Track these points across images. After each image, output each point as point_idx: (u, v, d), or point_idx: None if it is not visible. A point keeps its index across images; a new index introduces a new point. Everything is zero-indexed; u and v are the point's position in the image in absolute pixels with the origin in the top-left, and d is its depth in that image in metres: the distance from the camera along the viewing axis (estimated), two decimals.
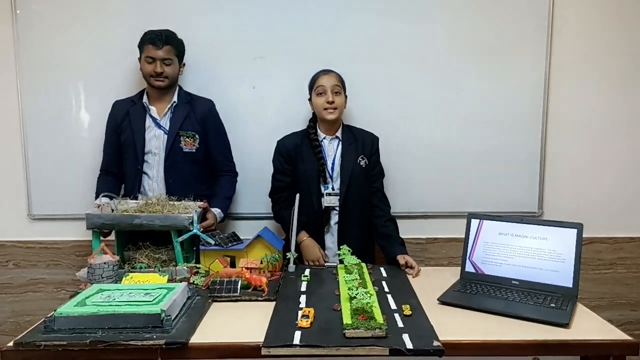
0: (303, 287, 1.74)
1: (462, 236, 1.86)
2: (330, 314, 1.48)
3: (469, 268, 1.82)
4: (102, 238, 1.90)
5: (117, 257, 1.77)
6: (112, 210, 1.94)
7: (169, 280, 1.69)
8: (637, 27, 2.49)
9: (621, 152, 2.57)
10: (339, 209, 2.14)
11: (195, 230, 1.84)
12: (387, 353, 1.28)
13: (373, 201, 2.19)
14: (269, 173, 2.37)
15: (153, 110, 2.21)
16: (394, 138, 2.43)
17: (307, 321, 1.40)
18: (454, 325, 1.44)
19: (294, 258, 1.94)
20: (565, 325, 1.44)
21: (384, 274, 1.91)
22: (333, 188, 2.15)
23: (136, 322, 1.34)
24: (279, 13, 2.42)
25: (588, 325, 1.47)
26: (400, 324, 1.42)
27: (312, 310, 1.47)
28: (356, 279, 1.66)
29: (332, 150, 2.18)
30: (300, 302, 1.59)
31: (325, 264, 2.07)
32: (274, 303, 1.59)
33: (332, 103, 2.08)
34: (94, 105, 2.45)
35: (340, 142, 2.18)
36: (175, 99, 2.22)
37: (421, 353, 1.28)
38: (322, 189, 2.14)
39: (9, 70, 2.43)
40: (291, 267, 1.93)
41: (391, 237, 2.12)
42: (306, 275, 1.85)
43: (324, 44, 2.43)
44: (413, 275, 1.91)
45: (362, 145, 2.18)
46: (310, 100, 2.18)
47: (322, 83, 2.11)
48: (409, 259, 1.98)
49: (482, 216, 1.85)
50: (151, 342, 1.30)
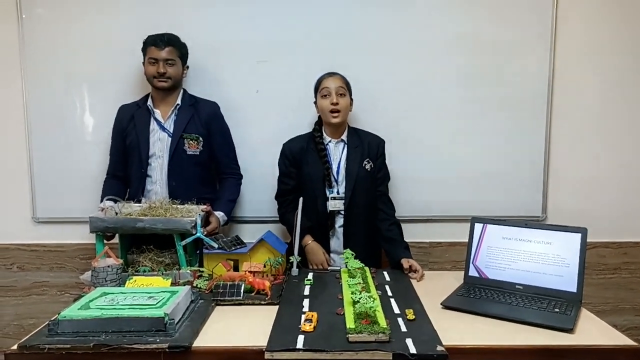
0: (306, 291, 1.74)
1: (466, 240, 1.85)
2: (333, 318, 1.48)
3: (472, 272, 1.82)
4: (105, 241, 1.90)
5: (121, 261, 1.78)
6: (116, 213, 1.94)
7: (173, 284, 1.69)
8: None
9: (625, 157, 2.56)
10: (344, 212, 2.14)
11: (198, 234, 1.85)
12: (391, 358, 1.28)
13: (378, 205, 2.18)
14: (272, 176, 2.38)
15: (157, 113, 2.22)
16: (397, 142, 2.43)
17: (310, 325, 1.40)
18: (458, 330, 1.44)
19: (298, 262, 1.94)
20: (570, 330, 1.43)
21: (387, 278, 1.90)
22: (338, 192, 2.15)
23: (140, 325, 1.34)
24: (282, 17, 2.43)
25: (592, 331, 1.46)
26: (403, 329, 1.42)
27: (315, 314, 1.47)
28: (359, 283, 1.65)
29: (338, 153, 2.18)
30: (303, 306, 1.59)
31: (329, 268, 2.07)
32: (277, 307, 1.59)
33: (337, 105, 2.08)
34: (99, 109, 2.46)
35: (346, 146, 2.18)
36: (179, 101, 2.23)
37: (425, 358, 1.28)
38: (327, 193, 2.14)
39: (14, 74, 2.44)
40: (294, 271, 1.93)
41: (395, 240, 2.12)
42: (309, 279, 1.84)
43: (327, 48, 2.43)
44: (417, 279, 1.91)
45: (368, 149, 2.17)
46: (315, 103, 2.18)
47: (327, 85, 2.11)
48: (413, 262, 1.97)
49: (486, 220, 1.84)
50: (154, 345, 1.30)
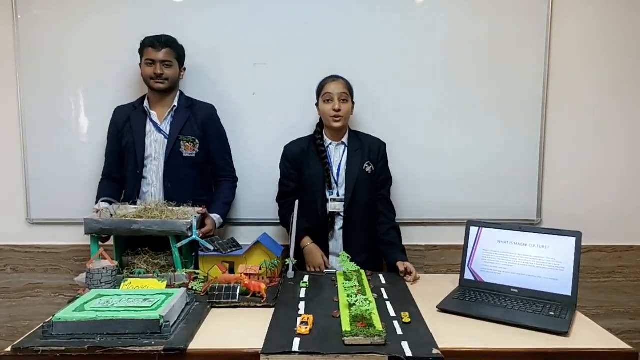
0: (302, 294, 1.74)
1: (461, 243, 1.86)
2: (329, 320, 1.48)
3: (468, 276, 1.82)
4: (100, 243, 1.90)
5: (116, 263, 1.77)
6: (111, 215, 1.94)
7: (168, 286, 1.68)
8: (636, 32, 2.50)
9: (620, 160, 2.57)
10: (343, 214, 2.14)
11: (194, 236, 1.84)
12: None
13: (378, 208, 2.19)
14: (268, 179, 2.38)
15: (154, 114, 2.22)
16: (392, 146, 2.42)
17: (306, 328, 1.40)
18: (453, 333, 1.44)
19: (294, 264, 1.93)
20: (564, 333, 1.44)
21: (383, 281, 1.90)
22: (338, 194, 2.15)
23: (135, 327, 1.34)
24: (279, 20, 2.43)
25: (587, 334, 1.47)
26: (399, 332, 1.42)
27: (311, 317, 1.47)
28: (355, 285, 1.66)
29: (338, 156, 2.18)
30: (299, 309, 1.59)
31: (325, 271, 2.06)
32: (272, 309, 1.59)
33: (339, 111, 2.09)
34: (94, 110, 2.45)
35: (346, 148, 2.18)
36: (175, 103, 2.23)
37: None
38: (327, 195, 2.14)
39: (9, 75, 2.43)
40: (290, 274, 1.93)
41: (392, 244, 2.11)
42: (305, 282, 1.84)
43: (324, 50, 2.44)
44: (410, 282, 1.91)
45: (369, 152, 2.18)
46: (317, 105, 2.19)
47: (330, 90, 2.11)
48: (408, 265, 1.98)
49: (481, 224, 1.85)
50: (150, 348, 1.29)
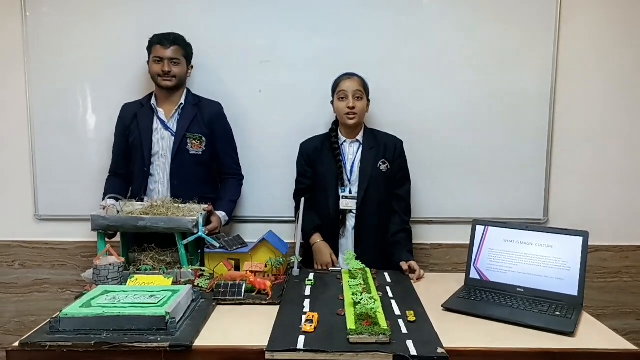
0: (307, 292, 1.74)
1: (467, 242, 1.85)
2: (334, 318, 1.48)
3: (473, 275, 1.82)
4: (107, 240, 1.91)
5: (123, 259, 1.78)
6: (118, 212, 1.95)
7: (174, 283, 1.69)
8: None
9: (628, 160, 2.56)
10: (356, 212, 2.14)
11: (200, 233, 1.85)
12: (391, 359, 1.28)
13: (393, 207, 2.17)
14: (274, 177, 2.40)
15: (161, 112, 2.23)
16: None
17: (311, 326, 1.40)
18: (458, 332, 1.44)
19: (299, 262, 1.94)
20: (570, 334, 1.43)
21: (388, 280, 1.90)
22: (351, 191, 2.15)
23: (141, 324, 1.35)
24: (286, 18, 2.43)
25: (593, 334, 1.46)
26: (404, 330, 1.42)
27: (316, 314, 1.47)
28: (360, 284, 1.66)
29: (352, 153, 2.18)
30: (304, 307, 1.59)
31: (330, 269, 2.06)
32: (278, 307, 1.59)
33: (353, 108, 2.08)
34: (102, 108, 2.46)
35: (361, 146, 2.18)
36: (182, 100, 2.23)
37: None
38: (339, 192, 2.14)
39: (18, 72, 2.45)
40: (295, 271, 1.93)
41: (399, 244, 2.09)
42: (310, 280, 1.84)
43: (329, 48, 2.44)
44: (414, 280, 1.91)
45: (384, 150, 2.16)
46: (332, 103, 2.19)
47: (344, 87, 2.11)
48: (412, 263, 1.97)
49: (487, 223, 1.84)
50: (155, 344, 1.30)
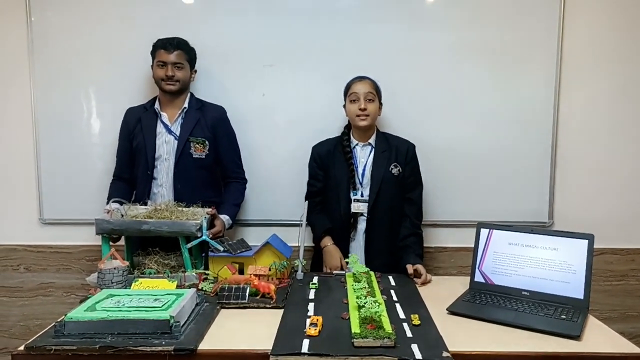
0: (311, 295, 1.74)
1: (472, 245, 1.84)
2: (338, 322, 1.48)
3: (478, 278, 1.81)
4: (111, 243, 1.91)
5: (127, 263, 1.78)
6: (122, 215, 1.95)
7: (178, 286, 1.69)
8: None
9: (633, 162, 2.55)
10: (367, 215, 2.14)
11: (204, 237, 1.85)
12: None
13: (405, 211, 2.16)
14: (277, 180, 2.40)
15: (164, 116, 2.24)
16: None
17: (315, 329, 1.39)
18: (463, 336, 1.43)
19: (302, 265, 1.93)
20: (577, 337, 1.42)
21: (393, 283, 1.89)
22: (362, 194, 2.15)
23: (145, 327, 1.35)
24: (288, 22, 2.44)
25: (599, 338, 1.45)
26: (409, 334, 1.41)
27: (320, 318, 1.47)
28: (365, 287, 1.65)
29: (364, 156, 2.18)
30: (308, 310, 1.58)
31: (334, 272, 2.06)
32: (282, 310, 1.59)
33: (364, 110, 2.09)
34: (106, 112, 2.47)
35: (373, 149, 2.18)
36: (186, 105, 2.24)
37: None
38: (351, 195, 2.14)
39: (22, 76, 2.46)
40: (299, 275, 1.93)
41: (408, 248, 2.08)
42: (314, 283, 1.84)
43: (332, 52, 2.44)
44: (418, 284, 1.90)
45: (396, 153, 2.16)
46: (344, 106, 2.19)
47: (356, 90, 2.12)
48: (419, 267, 1.96)
49: (492, 226, 1.84)
50: (160, 348, 1.30)
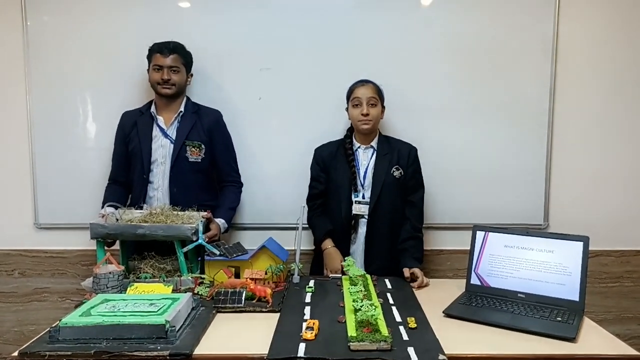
0: (307, 299, 1.73)
1: (468, 248, 1.85)
2: (334, 326, 1.48)
3: (474, 280, 1.81)
4: (106, 248, 1.91)
5: (122, 267, 1.78)
6: (117, 220, 1.95)
7: (174, 291, 1.69)
8: None
9: (627, 164, 2.56)
10: (368, 218, 2.14)
11: (200, 241, 1.85)
12: None
13: (406, 214, 2.17)
14: (274, 183, 2.39)
15: (160, 119, 2.23)
16: None
17: (311, 333, 1.39)
18: (460, 339, 1.44)
19: (299, 269, 1.93)
20: (572, 339, 1.43)
21: (389, 286, 1.90)
22: (363, 196, 2.15)
23: (141, 332, 1.34)
24: (284, 26, 2.44)
25: (595, 340, 1.46)
26: (405, 337, 1.41)
27: (316, 322, 1.46)
28: (361, 290, 1.65)
29: (366, 159, 2.19)
30: (304, 314, 1.58)
31: (330, 275, 2.06)
32: (278, 314, 1.59)
33: (367, 115, 2.10)
34: (102, 116, 2.47)
35: (375, 152, 2.19)
36: (182, 108, 2.24)
37: None
38: (352, 198, 2.15)
39: (18, 80, 2.45)
40: (296, 278, 1.92)
41: (406, 251, 2.09)
42: (311, 287, 1.84)
43: (329, 55, 2.44)
44: (415, 287, 1.90)
45: (398, 156, 2.17)
46: (347, 110, 2.20)
47: (358, 94, 2.13)
48: (415, 270, 1.96)
49: (488, 228, 1.84)
50: (155, 352, 1.30)
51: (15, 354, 1.31)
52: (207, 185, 2.31)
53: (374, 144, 2.20)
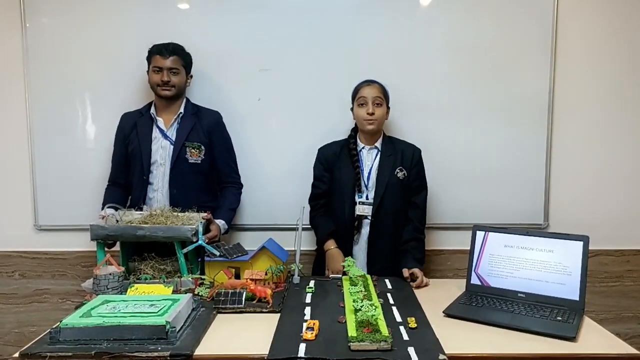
0: (308, 299, 1.74)
1: (468, 248, 1.85)
2: (335, 326, 1.48)
3: (474, 280, 1.81)
4: (107, 249, 1.91)
5: (122, 268, 1.78)
6: (117, 221, 1.95)
7: (174, 292, 1.69)
8: None
9: (628, 164, 2.56)
10: (371, 218, 2.14)
11: (200, 242, 1.85)
12: None
13: (409, 215, 2.17)
14: (274, 184, 2.39)
15: (160, 121, 2.24)
16: None
17: (312, 333, 1.39)
18: (460, 338, 1.44)
19: (299, 269, 1.93)
20: (572, 339, 1.43)
21: (389, 286, 1.90)
22: (367, 197, 2.15)
23: (141, 333, 1.34)
24: (284, 26, 2.44)
25: (595, 339, 1.46)
26: (405, 337, 1.41)
27: (317, 322, 1.47)
28: (361, 291, 1.65)
29: (370, 159, 2.19)
30: (305, 314, 1.58)
31: (330, 276, 2.06)
32: (278, 315, 1.59)
33: (372, 115, 2.10)
34: (101, 117, 2.47)
35: (379, 153, 2.19)
36: (182, 110, 2.24)
37: None
38: (356, 198, 2.15)
39: (18, 82, 2.45)
40: (296, 279, 1.92)
41: (408, 252, 2.09)
42: (311, 287, 1.84)
43: (329, 56, 2.45)
44: (413, 286, 1.91)
45: (402, 157, 2.17)
46: (352, 110, 2.20)
47: (364, 94, 2.13)
48: (415, 270, 1.97)
49: (488, 228, 1.84)
50: (156, 353, 1.30)
51: (16, 355, 1.32)
52: (207, 186, 2.31)
53: (378, 144, 2.20)
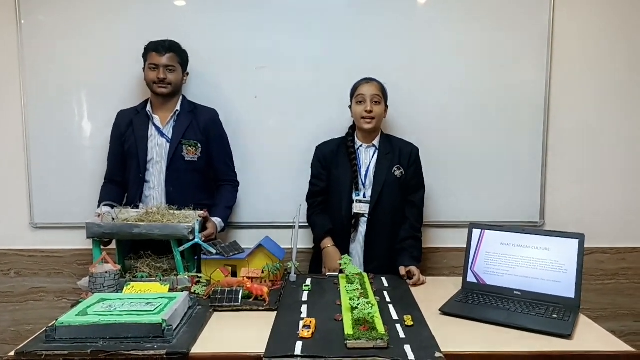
0: (304, 297, 1.74)
1: (464, 246, 1.85)
2: (331, 324, 1.48)
3: (470, 278, 1.82)
4: (103, 247, 1.90)
5: (119, 267, 1.77)
6: (113, 219, 1.94)
7: (170, 290, 1.69)
8: (637, 38, 2.50)
9: (623, 162, 2.57)
10: (368, 217, 2.14)
11: (197, 240, 1.85)
12: None
13: (406, 213, 2.18)
14: (270, 182, 2.38)
15: (156, 118, 2.23)
16: None
17: (308, 331, 1.40)
18: (456, 336, 1.44)
19: (296, 267, 1.93)
20: (568, 336, 1.43)
21: (386, 284, 1.90)
22: (365, 195, 2.15)
23: (137, 332, 1.34)
24: (280, 24, 2.44)
25: (590, 337, 1.47)
26: (402, 335, 1.41)
27: (313, 320, 1.47)
28: (358, 289, 1.65)
29: (368, 158, 2.19)
30: (301, 312, 1.58)
31: (327, 274, 2.06)
32: (275, 313, 1.59)
33: (371, 112, 2.10)
34: (97, 115, 2.46)
35: (377, 151, 2.18)
36: (178, 107, 2.23)
37: None
38: (353, 196, 2.15)
39: (13, 80, 2.44)
40: (292, 277, 1.93)
41: (404, 250, 2.09)
42: (307, 285, 1.84)
43: (326, 54, 2.45)
44: (410, 284, 1.91)
45: (400, 156, 2.17)
46: (350, 107, 2.20)
47: (362, 92, 2.12)
48: (412, 268, 1.97)
49: (484, 226, 1.85)
50: (152, 352, 1.30)
51: (12, 353, 1.31)
52: (203, 184, 2.30)
53: (375, 142, 2.20)
